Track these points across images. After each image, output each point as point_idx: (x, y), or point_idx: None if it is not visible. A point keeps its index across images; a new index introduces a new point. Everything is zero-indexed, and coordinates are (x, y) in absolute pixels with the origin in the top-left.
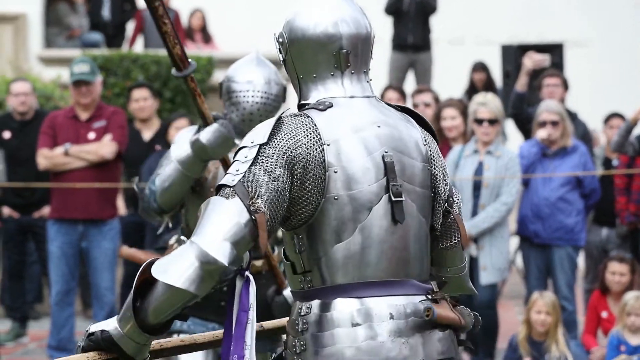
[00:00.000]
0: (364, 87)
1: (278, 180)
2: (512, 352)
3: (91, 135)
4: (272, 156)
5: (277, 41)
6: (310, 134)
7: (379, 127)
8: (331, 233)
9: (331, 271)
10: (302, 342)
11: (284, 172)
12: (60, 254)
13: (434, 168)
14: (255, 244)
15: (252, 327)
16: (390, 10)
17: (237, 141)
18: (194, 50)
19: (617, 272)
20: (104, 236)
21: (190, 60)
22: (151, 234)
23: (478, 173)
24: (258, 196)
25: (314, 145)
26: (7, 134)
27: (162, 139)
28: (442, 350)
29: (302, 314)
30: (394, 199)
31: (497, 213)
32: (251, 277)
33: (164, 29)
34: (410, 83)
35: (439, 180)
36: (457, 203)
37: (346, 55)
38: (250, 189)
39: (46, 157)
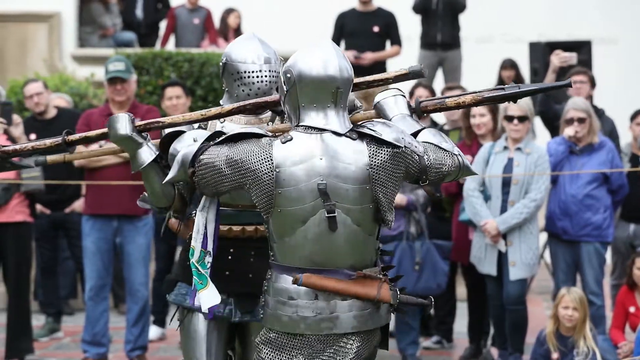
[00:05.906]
0: (344, 119)
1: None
2: (539, 347)
3: None
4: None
5: (285, 76)
6: (267, 160)
7: (321, 159)
8: (277, 231)
9: (278, 254)
10: (263, 298)
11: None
12: (94, 249)
13: (377, 186)
14: None
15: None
16: (418, 9)
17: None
18: (224, 48)
19: None
20: (138, 232)
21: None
22: None
23: (508, 169)
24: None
25: (267, 169)
26: (32, 136)
27: None
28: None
29: (266, 277)
30: (327, 215)
31: (526, 209)
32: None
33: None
34: (439, 81)
35: (379, 194)
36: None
37: (340, 93)
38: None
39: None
